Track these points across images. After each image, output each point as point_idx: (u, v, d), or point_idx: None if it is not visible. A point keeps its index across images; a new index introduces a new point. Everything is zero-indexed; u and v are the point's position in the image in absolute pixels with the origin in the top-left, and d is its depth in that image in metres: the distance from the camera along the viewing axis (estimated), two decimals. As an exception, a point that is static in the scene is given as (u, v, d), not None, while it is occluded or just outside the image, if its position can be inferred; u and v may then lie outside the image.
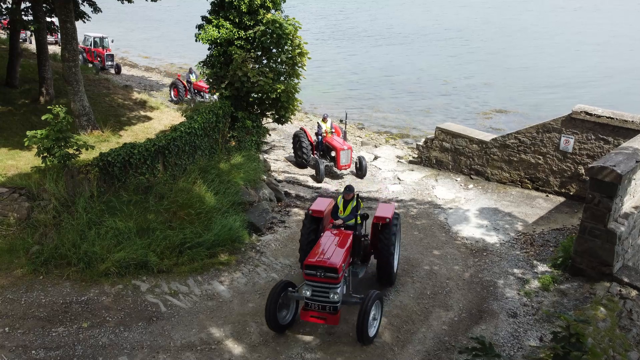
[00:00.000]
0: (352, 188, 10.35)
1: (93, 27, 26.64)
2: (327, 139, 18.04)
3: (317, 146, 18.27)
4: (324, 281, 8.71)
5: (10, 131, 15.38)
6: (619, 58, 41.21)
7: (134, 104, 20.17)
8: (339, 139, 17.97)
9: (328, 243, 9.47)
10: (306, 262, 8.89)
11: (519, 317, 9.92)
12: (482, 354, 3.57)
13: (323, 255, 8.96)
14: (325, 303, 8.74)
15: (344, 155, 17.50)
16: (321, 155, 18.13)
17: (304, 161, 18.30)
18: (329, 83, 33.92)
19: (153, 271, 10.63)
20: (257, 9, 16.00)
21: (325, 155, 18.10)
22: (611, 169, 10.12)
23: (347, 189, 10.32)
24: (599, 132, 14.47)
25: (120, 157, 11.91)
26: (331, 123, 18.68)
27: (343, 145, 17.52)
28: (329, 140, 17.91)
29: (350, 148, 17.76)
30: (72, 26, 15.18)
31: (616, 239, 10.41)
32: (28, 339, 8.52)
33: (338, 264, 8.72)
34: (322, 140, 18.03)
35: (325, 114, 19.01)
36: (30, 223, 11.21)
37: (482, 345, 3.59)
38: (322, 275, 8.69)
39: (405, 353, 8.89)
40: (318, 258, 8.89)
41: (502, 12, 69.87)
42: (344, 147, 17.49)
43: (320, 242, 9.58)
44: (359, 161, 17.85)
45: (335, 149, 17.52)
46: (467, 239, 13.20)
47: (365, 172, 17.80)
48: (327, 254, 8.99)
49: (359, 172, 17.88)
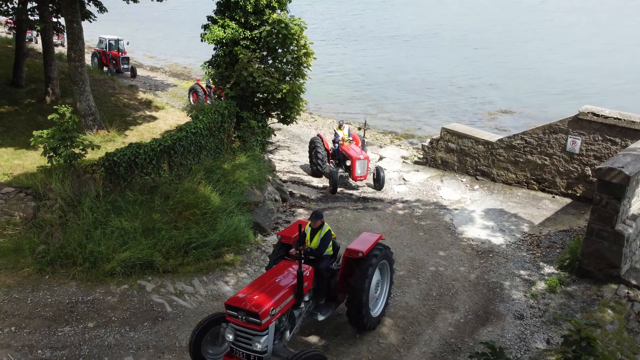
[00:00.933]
0: (320, 214, 8.78)
1: (98, 27, 26.72)
2: (344, 147, 17.02)
3: (333, 154, 17.33)
4: (246, 326, 7.27)
5: (17, 131, 15.42)
6: (628, 58, 40.98)
7: (140, 104, 20.20)
8: (357, 148, 16.92)
9: (267, 279, 7.99)
10: (227, 302, 7.46)
11: (526, 319, 9.86)
12: (492, 358, 3.54)
13: (249, 295, 7.45)
14: (250, 352, 7.33)
15: (360, 165, 16.43)
16: (337, 164, 17.21)
17: (319, 170, 17.46)
18: (334, 83, 33.90)
19: (158, 271, 10.63)
20: (263, 9, 16.00)
21: (341, 165, 17.11)
22: (619, 170, 10.04)
23: (314, 216, 8.74)
24: (606, 133, 14.38)
25: (126, 157, 11.92)
26: (349, 130, 17.75)
27: (359, 155, 16.50)
28: (345, 148, 16.89)
29: (368, 158, 16.70)
30: (78, 26, 15.21)
31: (624, 240, 10.33)
32: (34, 339, 8.53)
33: (262, 309, 7.16)
34: (338, 148, 17.04)
35: (341, 121, 18.17)
36: (36, 222, 11.23)
37: (493, 350, 3.56)
38: (244, 319, 7.25)
39: (411, 355, 8.85)
40: (242, 297, 7.42)
41: (513, 12, 69.63)
42: (360, 156, 16.46)
43: (259, 278, 8.22)
44: (377, 172, 16.72)
45: (351, 159, 16.51)
46: (473, 240, 13.14)
47: (383, 183, 16.69)
48: (256, 294, 7.47)
49: (376, 184, 16.78)
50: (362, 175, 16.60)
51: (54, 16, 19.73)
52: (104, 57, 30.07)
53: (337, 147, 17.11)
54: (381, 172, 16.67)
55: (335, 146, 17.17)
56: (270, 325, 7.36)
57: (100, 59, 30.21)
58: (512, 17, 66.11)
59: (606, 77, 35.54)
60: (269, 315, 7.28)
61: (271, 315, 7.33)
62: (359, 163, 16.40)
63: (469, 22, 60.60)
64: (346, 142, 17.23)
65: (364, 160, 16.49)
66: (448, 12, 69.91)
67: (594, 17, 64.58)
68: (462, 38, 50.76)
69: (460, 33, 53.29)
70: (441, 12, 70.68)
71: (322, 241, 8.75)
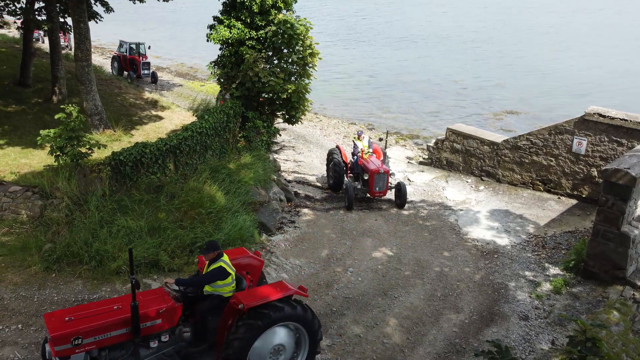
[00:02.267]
0: (213, 245, 7.33)
1: (103, 27, 26.79)
2: (362, 159, 15.51)
3: (351, 167, 15.88)
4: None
5: (24, 130, 15.52)
6: (637, 59, 40.78)
7: (146, 104, 20.28)
8: (376, 161, 15.25)
9: (106, 304, 7.01)
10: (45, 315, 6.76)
11: (531, 320, 9.84)
12: (498, 357, 3.54)
13: (63, 316, 6.63)
14: None
15: (379, 179, 14.72)
16: (355, 177, 15.73)
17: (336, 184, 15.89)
18: (340, 84, 33.91)
19: (164, 270, 10.66)
20: (269, 9, 16.04)
21: (359, 178, 15.53)
22: (625, 172, 10.01)
23: (206, 247, 7.35)
24: (612, 134, 14.32)
25: (132, 156, 11.98)
26: (369, 141, 16.25)
27: (379, 167, 14.77)
28: (364, 161, 15.38)
29: (388, 172, 14.88)
30: (85, 26, 15.29)
31: (630, 242, 10.30)
32: (40, 336, 8.57)
33: (57, 334, 6.29)
34: (357, 160, 15.61)
35: (360, 131, 16.63)
36: (43, 221, 11.30)
37: (499, 349, 3.56)
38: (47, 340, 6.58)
39: (415, 355, 8.85)
40: (53, 317, 6.65)
41: (522, 14, 69.42)
42: (380, 169, 14.72)
43: (101, 301, 7.39)
44: (398, 188, 15.06)
45: (368, 172, 14.86)
46: (478, 240, 13.12)
47: (405, 200, 14.95)
48: (73, 316, 6.63)
49: (397, 201, 15.14)
50: (381, 192, 14.88)
51: (61, 16, 19.83)
52: (124, 62, 28.49)
53: (355, 159, 15.71)
54: (402, 188, 14.94)
55: (354, 158, 15.78)
56: (73, 355, 6.34)
57: (120, 63, 28.64)
58: (520, 18, 65.92)
59: (614, 78, 35.39)
60: (68, 343, 6.28)
61: (73, 345, 6.31)
62: (377, 177, 14.69)
63: (477, 23, 60.45)
64: (366, 154, 15.69)
65: (383, 174, 14.74)
66: (456, 14, 69.79)
67: (601, 18, 64.29)
68: (469, 39, 50.66)
69: (467, 34, 53.18)
70: (450, 13, 70.56)
71: (205, 277, 7.26)
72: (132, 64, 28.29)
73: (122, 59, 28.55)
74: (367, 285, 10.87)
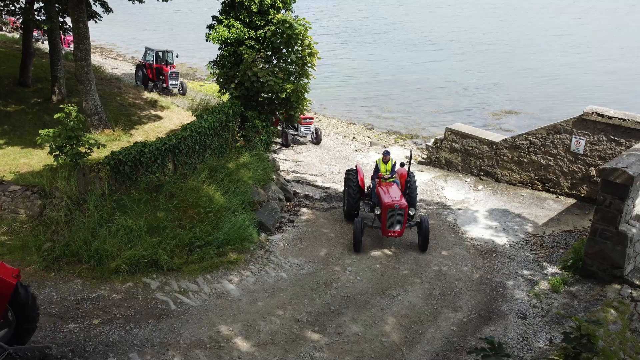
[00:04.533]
0: None
1: (103, 28, 26.81)
2: (381, 187, 12.94)
3: (369, 194, 13.66)
4: None
5: (23, 130, 15.54)
6: (637, 59, 40.82)
7: (145, 104, 20.30)
8: (395, 192, 12.54)
9: None
10: None
11: (529, 319, 9.87)
12: (491, 353, 3.57)
13: None
14: None
15: (393, 216, 11.96)
16: (371, 207, 13.21)
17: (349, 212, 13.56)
18: (339, 83, 33.94)
19: (163, 269, 10.70)
20: (268, 9, 16.08)
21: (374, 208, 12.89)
22: (623, 171, 10.04)
23: None
24: (610, 134, 14.35)
25: (131, 155, 12.01)
26: (394, 164, 13.49)
27: (394, 201, 12.01)
28: (381, 190, 12.79)
29: (406, 207, 12.05)
30: (84, 26, 15.31)
31: (627, 241, 10.32)
32: (40, 335, 8.59)
33: None
34: (374, 187, 13.19)
35: (387, 151, 13.54)
36: (42, 220, 11.34)
37: (492, 345, 3.58)
38: None
39: (413, 353, 8.88)
40: None
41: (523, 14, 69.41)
42: (396, 203, 11.94)
43: None
44: (419, 226, 12.23)
45: (381, 205, 12.21)
46: (477, 239, 13.15)
47: (427, 241, 12.24)
48: None
49: (418, 241, 12.41)
50: (396, 232, 12.12)
51: (60, 16, 19.84)
52: (150, 71, 26.22)
53: (373, 184, 13.41)
54: (425, 225, 12.12)
55: (372, 183, 13.52)
56: None
57: (146, 73, 26.38)
58: (521, 18, 65.95)
59: (613, 78, 35.42)
60: None
61: None
62: (391, 213, 11.94)
63: (478, 24, 60.45)
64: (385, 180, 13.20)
65: (399, 210, 11.96)
66: (458, 15, 69.81)
67: (601, 19, 64.33)
68: (470, 39, 50.67)
69: (468, 34, 53.19)
70: (452, 14, 70.58)
71: None
72: (159, 73, 26.14)
73: (148, 68, 26.35)
74: (366, 284, 10.90)
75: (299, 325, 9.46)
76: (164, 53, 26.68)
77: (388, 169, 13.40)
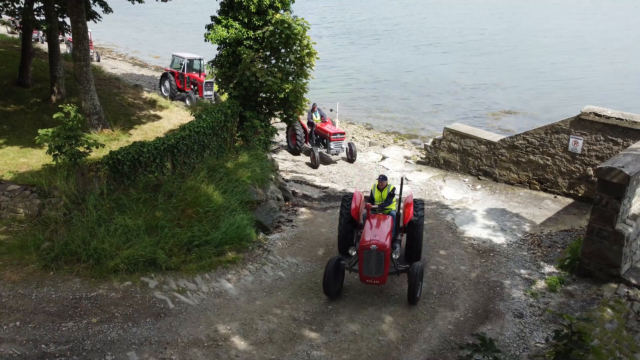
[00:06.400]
0: None
1: (103, 27, 26.83)
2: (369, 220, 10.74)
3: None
4: None
5: (22, 129, 15.58)
6: (635, 60, 40.84)
7: (144, 103, 20.33)
8: (376, 230, 10.33)
9: None
10: None
11: (525, 318, 9.91)
12: (482, 349, 3.60)
13: None
14: None
15: (369, 259, 9.94)
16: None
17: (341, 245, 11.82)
18: (337, 83, 33.98)
19: (161, 268, 10.74)
20: (266, 9, 16.08)
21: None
22: (619, 170, 10.08)
23: None
24: (608, 133, 14.40)
25: (129, 155, 12.03)
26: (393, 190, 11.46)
27: (371, 242, 9.96)
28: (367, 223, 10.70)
29: (386, 248, 9.95)
30: (83, 26, 15.33)
31: (624, 240, 10.36)
32: (38, 334, 8.65)
33: None
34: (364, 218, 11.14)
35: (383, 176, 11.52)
36: (41, 220, 11.37)
37: (483, 341, 3.62)
38: None
39: (410, 352, 8.92)
40: None
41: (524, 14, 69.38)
42: (372, 244, 9.88)
43: None
44: (411, 271, 10.03)
45: (358, 246, 10.25)
46: (474, 239, 13.19)
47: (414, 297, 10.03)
48: None
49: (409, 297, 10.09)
50: (375, 278, 10.04)
51: (59, 16, 19.88)
52: (179, 81, 24.56)
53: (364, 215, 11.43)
54: (415, 270, 9.96)
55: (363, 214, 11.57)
56: None
57: (175, 82, 24.69)
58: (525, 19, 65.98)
59: (612, 78, 35.46)
60: None
61: None
62: (367, 255, 9.93)
63: (485, 25, 60.44)
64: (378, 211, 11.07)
65: (377, 253, 9.90)
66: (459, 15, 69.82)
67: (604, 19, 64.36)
68: (470, 39, 50.68)
69: (469, 35, 53.20)
70: (454, 14, 70.57)
71: None
72: (192, 83, 24.45)
73: (178, 77, 24.52)
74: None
75: (296, 324, 9.50)
76: (192, 61, 25.13)
77: (384, 197, 11.26)
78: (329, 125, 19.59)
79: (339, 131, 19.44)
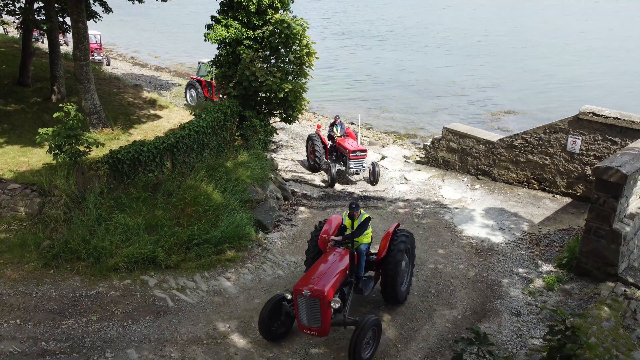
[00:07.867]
0: None
1: (103, 28, 26.86)
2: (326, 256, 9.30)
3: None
4: None
5: (23, 129, 15.64)
6: (635, 60, 40.86)
7: (144, 103, 20.38)
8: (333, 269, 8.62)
9: None
10: None
11: (523, 316, 9.96)
12: (476, 343, 3.65)
13: None
14: None
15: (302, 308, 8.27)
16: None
17: None
18: (337, 83, 34.01)
19: (161, 267, 10.80)
20: (266, 9, 16.15)
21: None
22: (616, 169, 10.13)
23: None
24: (606, 133, 14.44)
25: (129, 154, 12.10)
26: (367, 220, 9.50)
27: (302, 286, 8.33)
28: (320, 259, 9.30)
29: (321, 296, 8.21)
30: (83, 26, 15.40)
31: (621, 239, 10.41)
32: (39, 331, 8.71)
33: None
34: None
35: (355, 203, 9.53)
36: (41, 218, 11.43)
37: (477, 335, 3.67)
38: None
39: (408, 350, 8.97)
40: None
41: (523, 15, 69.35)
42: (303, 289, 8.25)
43: None
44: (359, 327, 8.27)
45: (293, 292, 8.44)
46: (473, 238, 13.24)
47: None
48: None
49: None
50: (313, 329, 8.48)
51: (59, 16, 19.94)
52: (207, 89, 23.63)
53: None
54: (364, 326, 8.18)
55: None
56: None
57: (202, 91, 23.83)
58: (520, 19, 66.02)
59: (612, 78, 35.49)
60: None
61: None
62: (299, 302, 8.41)
63: (479, 24, 60.47)
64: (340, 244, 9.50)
65: (310, 300, 8.30)
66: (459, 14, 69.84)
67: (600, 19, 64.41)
68: (469, 39, 50.72)
69: (467, 34, 53.23)
70: (452, 14, 70.60)
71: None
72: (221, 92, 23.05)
73: (205, 86, 23.60)
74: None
75: (295, 322, 9.53)
76: None
77: (355, 227, 9.40)
78: (349, 141, 17.31)
79: (360, 148, 17.13)
